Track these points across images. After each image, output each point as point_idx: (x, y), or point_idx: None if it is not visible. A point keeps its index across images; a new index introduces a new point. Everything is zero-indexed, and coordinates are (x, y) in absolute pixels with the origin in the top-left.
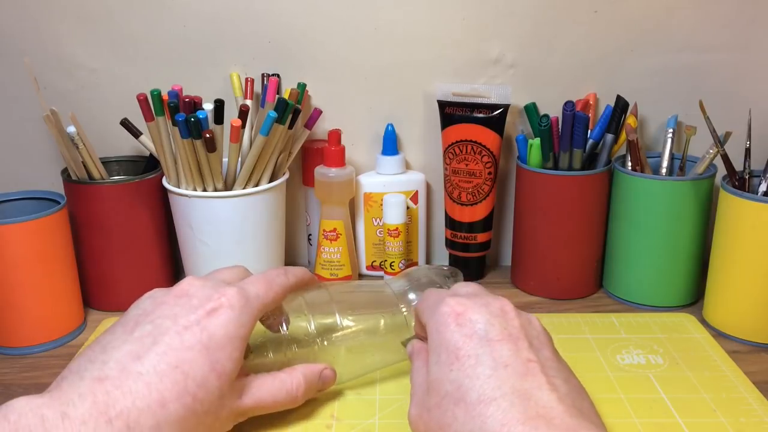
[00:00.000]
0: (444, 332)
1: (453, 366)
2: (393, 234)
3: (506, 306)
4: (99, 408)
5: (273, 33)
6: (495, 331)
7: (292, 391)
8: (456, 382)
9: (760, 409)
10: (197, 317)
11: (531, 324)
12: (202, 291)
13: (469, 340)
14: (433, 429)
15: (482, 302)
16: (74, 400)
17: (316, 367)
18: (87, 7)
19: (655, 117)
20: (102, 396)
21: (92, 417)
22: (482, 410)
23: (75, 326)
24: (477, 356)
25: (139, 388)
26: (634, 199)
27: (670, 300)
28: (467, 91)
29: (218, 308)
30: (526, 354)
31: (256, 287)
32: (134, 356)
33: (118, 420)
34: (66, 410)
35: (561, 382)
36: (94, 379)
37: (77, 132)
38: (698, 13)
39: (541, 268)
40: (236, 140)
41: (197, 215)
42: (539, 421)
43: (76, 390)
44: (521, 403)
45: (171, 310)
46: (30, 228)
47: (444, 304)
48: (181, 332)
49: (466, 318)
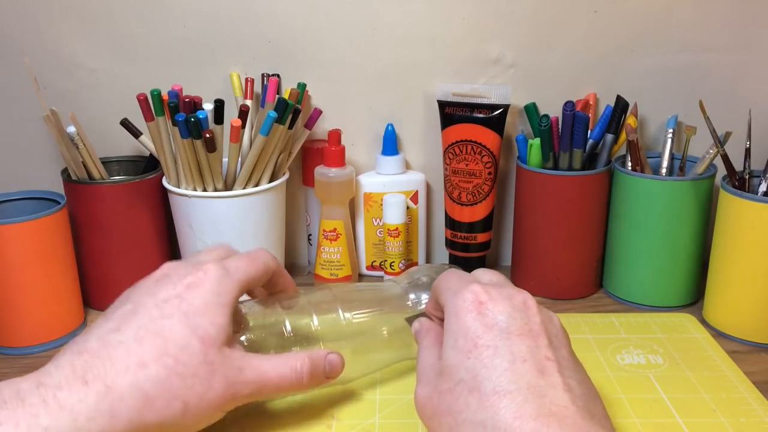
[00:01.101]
0: (465, 318)
1: (471, 354)
2: (393, 234)
3: (529, 300)
4: (76, 373)
5: (273, 33)
6: (516, 325)
7: (296, 368)
8: (472, 370)
9: (760, 409)
10: (176, 291)
11: (552, 322)
12: (181, 269)
13: (490, 331)
14: (442, 413)
15: (506, 294)
16: (50, 370)
17: (321, 350)
18: (87, 7)
19: (655, 117)
20: (80, 364)
21: (68, 382)
22: (496, 401)
23: (75, 326)
24: (496, 347)
25: (117, 353)
26: (634, 199)
27: (670, 300)
28: (467, 91)
29: (196, 281)
30: (545, 352)
31: (236, 262)
32: (113, 330)
33: (96, 381)
34: (42, 379)
35: (576, 383)
36: (73, 353)
37: (77, 132)
38: (698, 13)
39: (541, 268)
40: (236, 140)
41: (197, 215)
42: (552, 419)
43: (54, 363)
44: (535, 399)
45: (149, 289)
46: (30, 228)
47: (468, 290)
48: (160, 305)
49: (489, 308)
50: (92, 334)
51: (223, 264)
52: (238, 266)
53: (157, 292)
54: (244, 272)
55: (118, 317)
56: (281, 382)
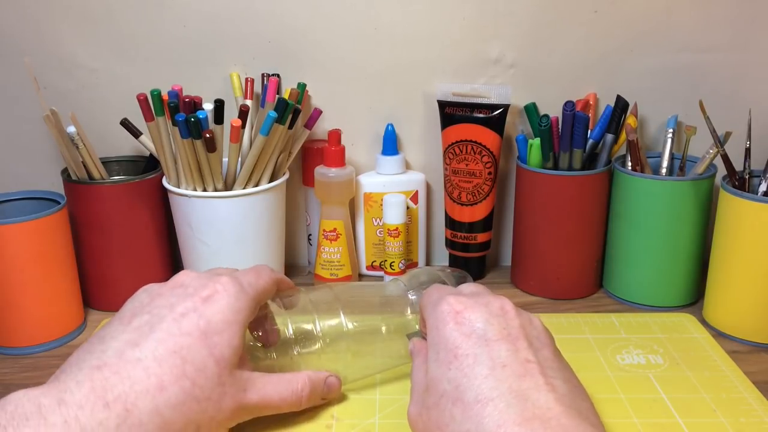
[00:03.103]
0: (443, 330)
1: (451, 365)
2: (393, 234)
3: (506, 305)
4: (96, 393)
5: (273, 33)
6: (494, 331)
7: (297, 391)
8: (454, 381)
9: (760, 409)
10: (194, 304)
11: (531, 324)
12: (197, 280)
13: (468, 339)
14: (432, 428)
15: (483, 301)
16: (71, 387)
17: (322, 373)
18: (87, 7)
19: (655, 117)
20: (100, 382)
21: (89, 401)
22: (479, 410)
23: (75, 326)
24: (475, 355)
25: (137, 373)
26: (634, 199)
27: (670, 300)
28: (467, 91)
29: (213, 294)
30: (525, 354)
31: (247, 276)
32: (132, 344)
33: (116, 403)
34: (63, 396)
35: (560, 382)
36: (92, 368)
37: (77, 132)
38: (698, 13)
39: (541, 268)
40: (236, 140)
41: (197, 215)
42: (536, 422)
43: (74, 378)
44: (518, 403)
45: (167, 300)
46: (30, 228)
47: (444, 302)
48: (179, 319)
49: (465, 316)
50: (110, 344)
51: (236, 278)
52: (250, 281)
53: (175, 304)
54: (255, 288)
55: (136, 329)
56: (282, 404)
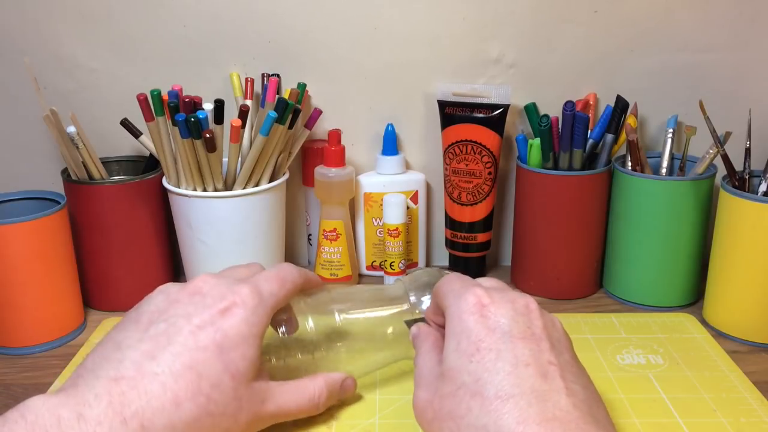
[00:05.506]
0: (467, 320)
1: (473, 357)
2: (393, 234)
3: (531, 304)
4: (114, 408)
5: (273, 33)
6: (519, 329)
7: (314, 398)
8: (475, 374)
9: (760, 409)
10: (211, 316)
11: (554, 326)
12: (216, 289)
13: (492, 334)
14: (443, 417)
15: (508, 297)
16: (90, 400)
17: (338, 375)
18: (87, 7)
19: (655, 117)
20: (117, 396)
21: (108, 417)
22: (499, 406)
23: (75, 326)
24: (498, 351)
25: (154, 388)
26: (634, 199)
27: (670, 300)
28: (467, 91)
29: (231, 307)
30: (548, 356)
31: (269, 284)
32: (149, 356)
33: (133, 420)
34: (82, 411)
35: (579, 387)
36: (110, 379)
37: (77, 132)
38: (698, 13)
39: (541, 268)
40: (236, 140)
41: (197, 215)
42: (555, 423)
43: (92, 390)
44: (539, 404)
45: (185, 308)
46: (30, 228)
47: (470, 293)
48: (195, 332)
49: (491, 311)
50: (126, 354)
51: (257, 288)
52: (271, 290)
53: (192, 314)
54: (276, 298)
55: (153, 338)
56: (299, 412)
